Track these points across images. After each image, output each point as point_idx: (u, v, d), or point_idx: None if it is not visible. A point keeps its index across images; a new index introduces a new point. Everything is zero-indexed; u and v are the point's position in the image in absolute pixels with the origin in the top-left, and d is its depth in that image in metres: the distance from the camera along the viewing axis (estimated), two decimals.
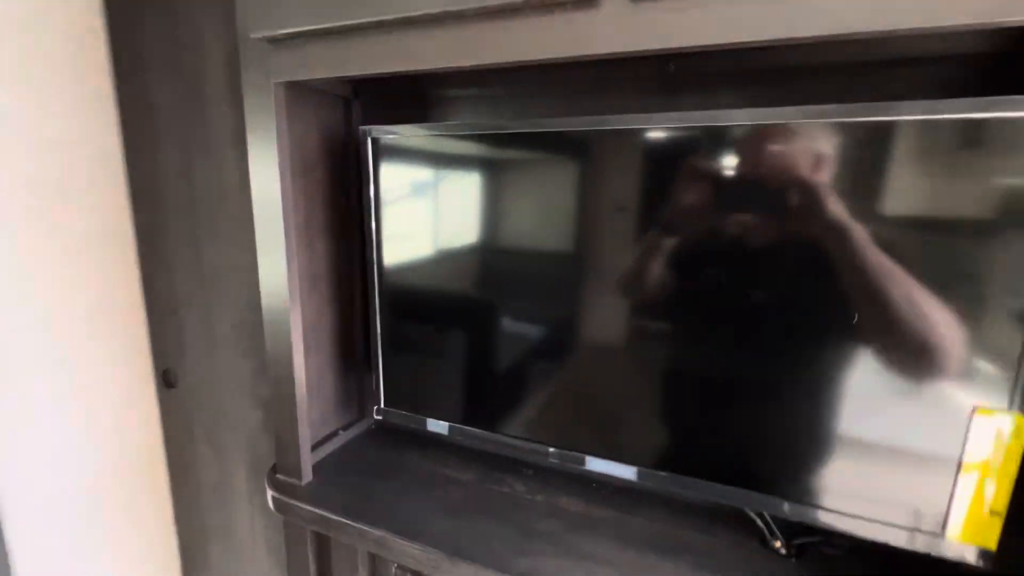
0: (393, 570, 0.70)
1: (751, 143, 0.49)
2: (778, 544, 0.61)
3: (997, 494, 0.46)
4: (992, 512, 0.46)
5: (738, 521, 0.64)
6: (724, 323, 0.54)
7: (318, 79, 0.61)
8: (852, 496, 0.52)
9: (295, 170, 0.66)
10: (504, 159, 0.62)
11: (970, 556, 0.48)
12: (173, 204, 1.11)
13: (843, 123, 0.46)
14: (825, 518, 0.53)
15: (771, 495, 0.55)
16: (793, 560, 0.59)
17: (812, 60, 0.55)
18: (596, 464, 0.63)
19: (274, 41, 0.59)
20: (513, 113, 0.73)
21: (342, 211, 0.79)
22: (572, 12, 0.45)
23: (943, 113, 0.43)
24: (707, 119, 0.50)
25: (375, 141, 0.68)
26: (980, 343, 0.45)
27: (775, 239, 0.50)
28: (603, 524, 0.65)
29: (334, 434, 0.83)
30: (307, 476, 0.73)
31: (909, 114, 0.44)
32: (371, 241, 0.71)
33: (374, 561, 0.71)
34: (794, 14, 0.39)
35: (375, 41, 0.54)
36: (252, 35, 0.58)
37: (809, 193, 0.47)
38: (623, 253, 0.57)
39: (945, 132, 0.44)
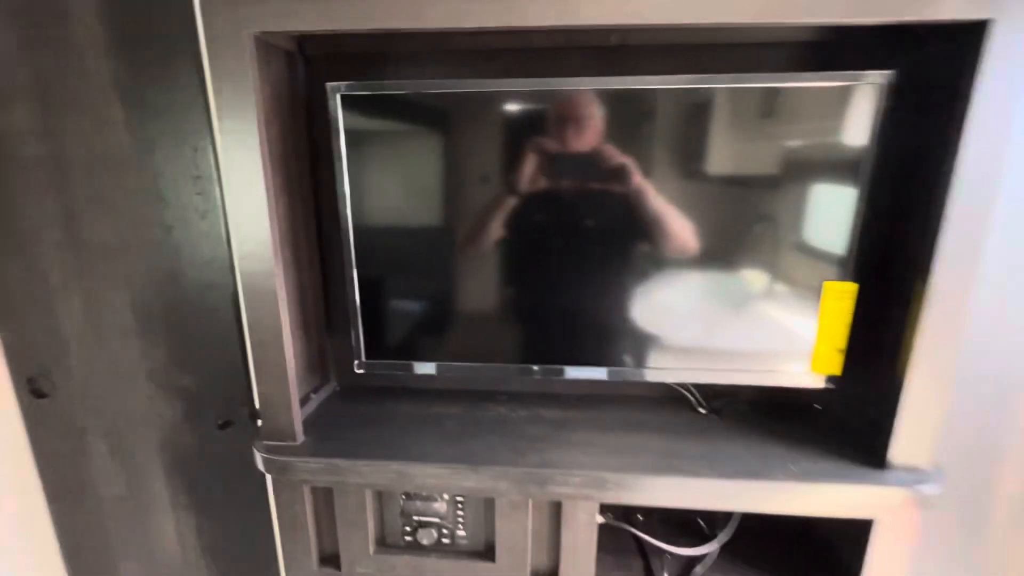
0: (401, 501, 0.76)
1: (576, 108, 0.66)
2: (703, 409, 0.83)
3: (838, 336, 0.71)
4: (837, 350, 0.71)
5: (674, 401, 0.84)
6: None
7: (275, 32, 0.61)
8: (742, 357, 0.74)
9: None
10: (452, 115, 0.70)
11: (823, 382, 0.73)
12: (32, 175, 0.92)
13: (671, 90, 0.65)
14: (728, 378, 0.75)
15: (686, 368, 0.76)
16: (715, 416, 0.81)
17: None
18: (573, 372, 0.77)
19: None
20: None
21: (293, 172, 0.78)
22: None
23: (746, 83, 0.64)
24: (545, 85, 0.66)
25: (344, 98, 0.69)
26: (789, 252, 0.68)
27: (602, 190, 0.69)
28: (579, 421, 0.80)
29: (307, 398, 0.83)
30: (300, 437, 0.73)
31: (720, 84, 0.64)
32: (343, 197, 0.73)
33: (380, 498, 0.76)
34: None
35: None
36: None
37: (615, 157, 0.67)
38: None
39: (743, 101, 0.65)
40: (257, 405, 0.75)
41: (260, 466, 0.72)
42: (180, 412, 1.05)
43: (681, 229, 0.69)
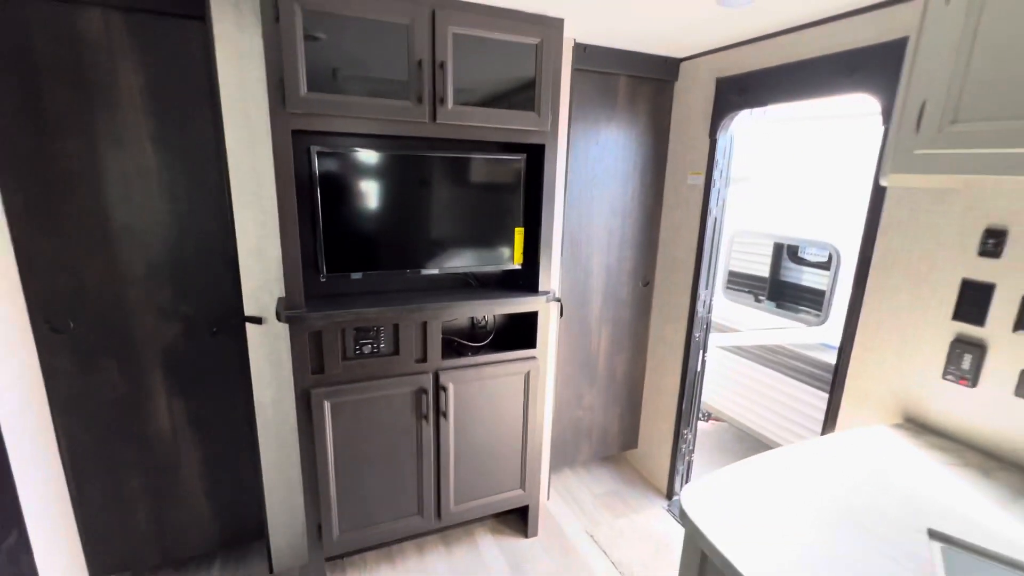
0: (353, 333, 1.67)
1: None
2: (472, 282, 1.96)
3: (520, 248, 1.91)
4: (520, 253, 1.92)
5: (461, 281, 1.95)
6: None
7: (303, 131, 1.48)
8: (486, 263, 1.90)
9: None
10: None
11: (518, 265, 1.93)
12: (73, 182, 1.49)
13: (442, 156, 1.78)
14: (479, 270, 1.90)
15: (465, 267, 1.89)
16: (475, 284, 1.95)
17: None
18: (424, 271, 1.80)
19: None
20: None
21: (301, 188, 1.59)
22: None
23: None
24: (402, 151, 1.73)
25: (319, 152, 1.56)
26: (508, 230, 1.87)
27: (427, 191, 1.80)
28: (427, 290, 1.83)
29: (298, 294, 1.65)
30: (303, 307, 1.57)
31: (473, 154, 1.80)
32: (316, 198, 1.59)
33: (343, 334, 1.65)
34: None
35: None
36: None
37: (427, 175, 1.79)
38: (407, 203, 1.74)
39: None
40: (248, 311, 1.56)
41: (284, 321, 1.54)
42: (179, 330, 1.68)
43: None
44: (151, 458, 1.74)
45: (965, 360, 1.28)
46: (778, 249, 3.80)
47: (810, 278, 3.75)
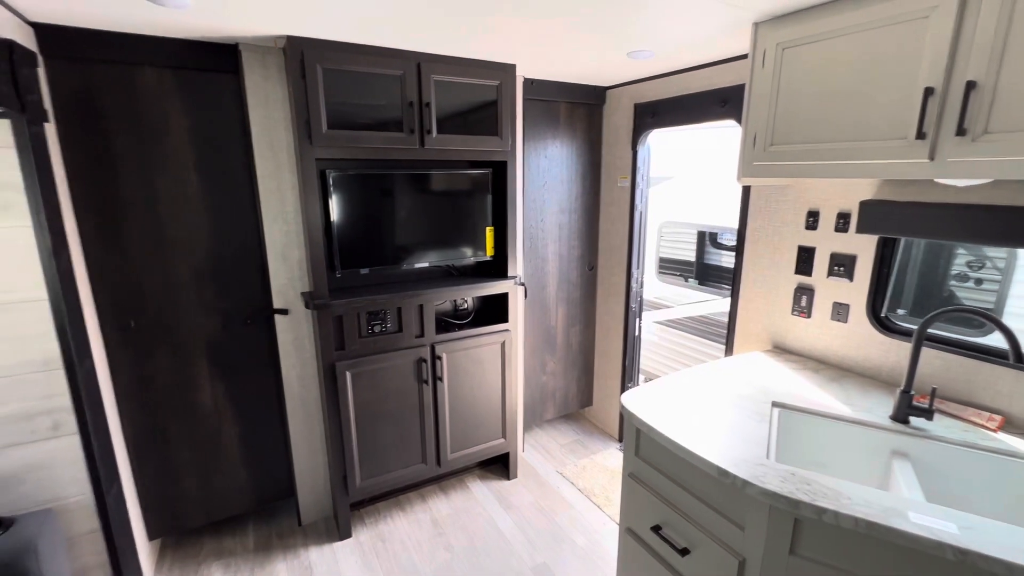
0: (366, 316, 2.09)
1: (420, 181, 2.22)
2: (453, 272, 2.43)
3: (491, 242, 2.40)
4: (492, 247, 2.41)
5: (446, 272, 2.42)
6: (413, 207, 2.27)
7: (323, 159, 1.90)
8: (464, 254, 2.38)
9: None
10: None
11: (489, 257, 2.42)
12: (133, 207, 1.84)
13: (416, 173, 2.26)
14: (459, 262, 2.38)
15: (446, 262, 2.36)
16: (456, 273, 2.43)
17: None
18: (415, 264, 2.25)
19: None
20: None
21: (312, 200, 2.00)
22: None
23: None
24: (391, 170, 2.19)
25: (333, 175, 1.98)
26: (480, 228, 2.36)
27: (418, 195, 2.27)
28: (420, 280, 2.28)
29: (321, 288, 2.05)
30: (327, 296, 1.98)
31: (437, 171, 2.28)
32: (330, 209, 2.01)
33: (359, 317, 2.08)
34: None
35: None
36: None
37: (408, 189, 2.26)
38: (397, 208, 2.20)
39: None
40: (276, 305, 1.97)
41: (312, 309, 1.94)
42: (219, 323, 2.04)
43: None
44: (197, 433, 2.08)
45: (803, 300, 1.89)
46: (701, 236, 4.50)
47: (729, 260, 4.46)
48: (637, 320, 2.87)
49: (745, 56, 2.00)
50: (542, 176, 2.70)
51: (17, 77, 1.27)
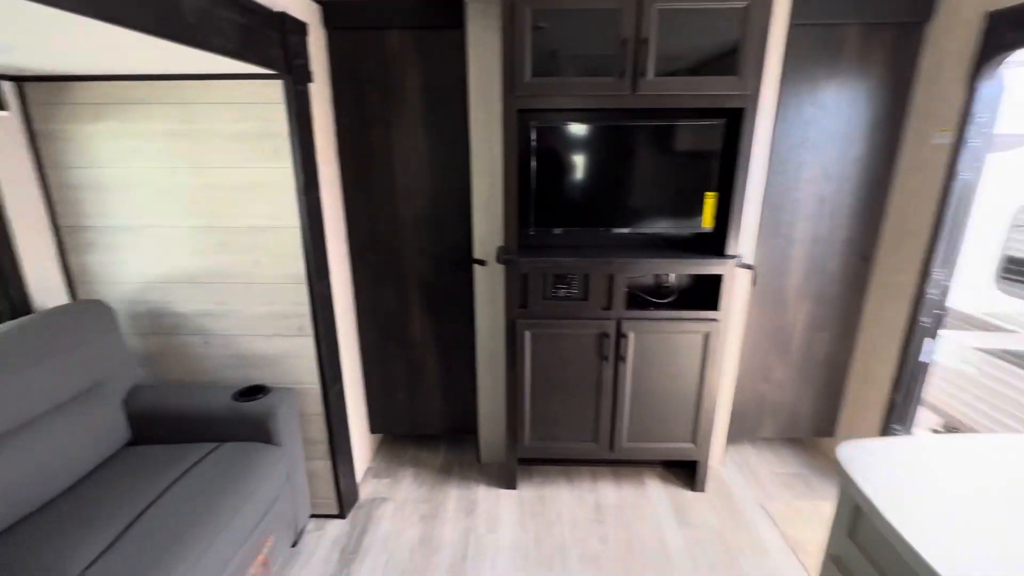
0: (551, 278, 2.01)
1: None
2: (659, 244, 2.10)
3: (711, 211, 1.97)
4: (712, 217, 1.97)
5: (654, 240, 2.11)
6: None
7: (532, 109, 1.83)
8: (684, 224, 2.01)
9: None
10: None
11: (708, 228, 2.00)
12: (379, 158, 2.13)
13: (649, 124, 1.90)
14: (670, 233, 2.02)
15: (655, 229, 2.03)
16: (664, 245, 2.08)
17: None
18: (615, 230, 2.02)
19: None
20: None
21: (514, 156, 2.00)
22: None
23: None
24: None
25: (536, 128, 1.91)
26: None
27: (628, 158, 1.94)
28: (616, 246, 2.05)
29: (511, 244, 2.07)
30: (516, 254, 1.97)
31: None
32: (532, 167, 1.95)
33: (544, 277, 2.01)
34: None
35: None
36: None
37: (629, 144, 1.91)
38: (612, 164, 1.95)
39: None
40: (476, 255, 2.00)
41: (501, 263, 1.96)
42: (431, 265, 2.28)
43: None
44: (408, 356, 2.41)
45: None
46: None
47: None
48: (928, 340, 1.99)
49: None
50: (802, 130, 2.05)
51: (287, 43, 1.57)
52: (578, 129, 1.92)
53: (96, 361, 1.70)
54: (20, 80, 1.65)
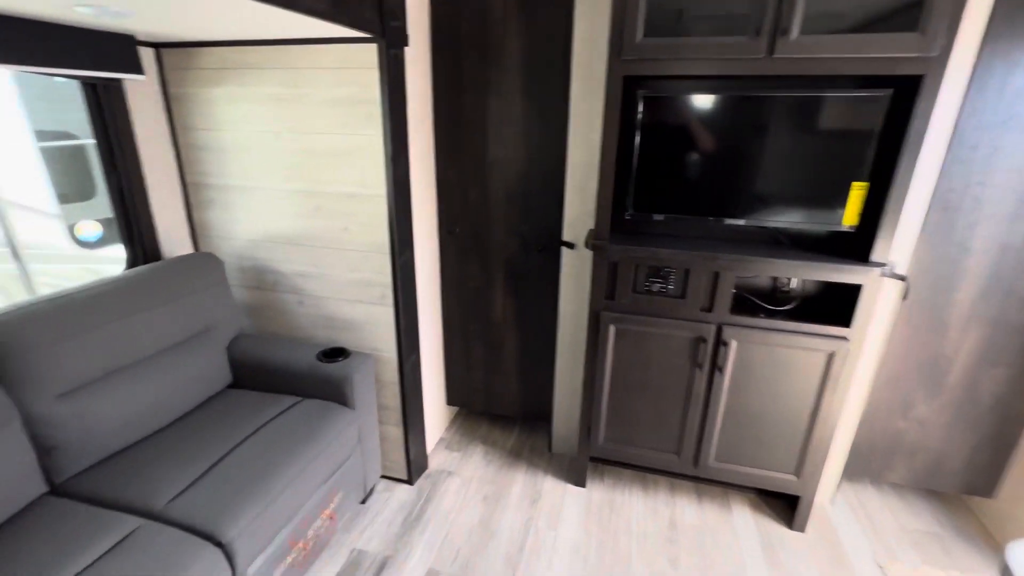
0: (645, 270, 1.79)
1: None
2: (783, 239, 1.76)
3: (855, 207, 1.59)
4: (855, 213, 1.60)
5: (768, 236, 1.78)
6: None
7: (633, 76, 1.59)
8: (809, 219, 1.66)
9: None
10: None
11: (850, 227, 1.63)
12: (471, 127, 2.03)
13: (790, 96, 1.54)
14: (799, 227, 1.68)
15: (777, 222, 1.69)
16: (787, 242, 1.74)
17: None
18: (728, 221, 1.73)
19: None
20: None
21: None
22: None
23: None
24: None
25: (644, 97, 1.67)
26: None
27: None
28: (727, 240, 1.77)
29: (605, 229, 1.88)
30: (607, 239, 1.78)
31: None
32: (635, 143, 1.73)
33: (636, 268, 1.81)
34: None
35: None
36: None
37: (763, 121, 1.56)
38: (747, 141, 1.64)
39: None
40: (565, 237, 1.82)
41: (589, 248, 1.78)
42: (517, 244, 2.17)
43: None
44: (488, 335, 2.36)
45: None
46: None
47: None
48: None
49: None
50: (1006, 106, 1.56)
51: (383, 4, 1.51)
52: (694, 100, 1.64)
53: (209, 307, 1.87)
54: (158, 46, 1.80)
